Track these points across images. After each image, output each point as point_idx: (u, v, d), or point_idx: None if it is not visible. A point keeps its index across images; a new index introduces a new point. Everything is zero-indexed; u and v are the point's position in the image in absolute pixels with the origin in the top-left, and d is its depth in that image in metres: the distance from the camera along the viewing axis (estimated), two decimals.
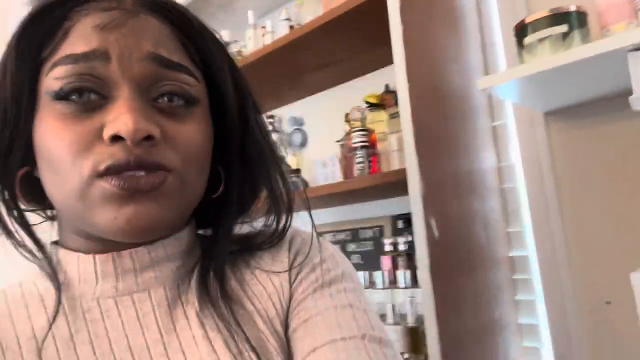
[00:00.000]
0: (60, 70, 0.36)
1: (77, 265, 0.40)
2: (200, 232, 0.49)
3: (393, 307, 1.05)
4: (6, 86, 0.38)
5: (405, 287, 1.10)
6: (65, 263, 0.41)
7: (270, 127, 1.69)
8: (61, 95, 0.36)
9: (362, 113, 1.26)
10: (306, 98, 1.66)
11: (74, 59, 0.36)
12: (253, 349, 0.39)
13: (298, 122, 1.65)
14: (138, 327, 0.39)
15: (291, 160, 1.51)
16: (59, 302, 0.39)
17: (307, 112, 1.66)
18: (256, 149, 0.45)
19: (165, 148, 0.37)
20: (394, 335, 1.01)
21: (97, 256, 0.40)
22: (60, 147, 0.35)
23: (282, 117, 1.74)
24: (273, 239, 0.46)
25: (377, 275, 1.15)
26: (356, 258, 1.45)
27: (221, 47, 0.43)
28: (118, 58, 0.36)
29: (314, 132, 1.65)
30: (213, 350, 0.39)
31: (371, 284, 1.18)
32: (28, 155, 0.39)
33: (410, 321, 1.02)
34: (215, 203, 0.45)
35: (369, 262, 1.40)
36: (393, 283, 1.14)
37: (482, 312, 0.99)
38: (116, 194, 0.35)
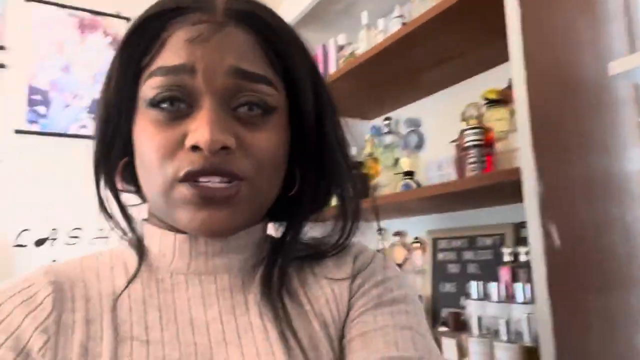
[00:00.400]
0: (154, 81, 0.40)
1: (159, 240, 0.45)
2: (272, 225, 0.52)
3: (508, 323, 0.95)
4: (111, 90, 0.43)
5: (524, 303, 0.98)
6: (150, 237, 0.46)
7: (386, 130, 1.66)
8: (154, 103, 0.40)
9: (478, 110, 1.16)
10: (423, 99, 1.60)
11: (165, 71, 0.40)
12: (304, 347, 0.41)
13: (415, 124, 1.59)
14: (201, 304, 0.43)
15: (405, 163, 1.46)
16: (139, 267, 0.44)
17: (424, 113, 1.60)
18: (330, 154, 0.47)
19: (240, 156, 0.40)
20: (507, 353, 0.91)
21: (177, 235, 0.44)
22: (151, 149, 0.40)
23: (399, 118, 1.70)
24: (338, 246, 0.48)
25: (492, 286, 1.05)
26: (473, 267, 1.34)
27: (304, 53, 0.46)
28: (203, 71, 0.39)
29: (431, 134, 1.58)
30: (267, 339, 0.41)
31: (485, 296, 1.08)
32: (128, 148, 0.44)
33: (527, 340, 0.91)
34: (290, 199, 0.47)
35: (487, 273, 1.29)
36: (510, 297, 1.03)
37: (616, 338, 0.83)
38: (193, 201, 0.39)
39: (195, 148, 0.39)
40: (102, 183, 0.46)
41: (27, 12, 1.87)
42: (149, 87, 0.40)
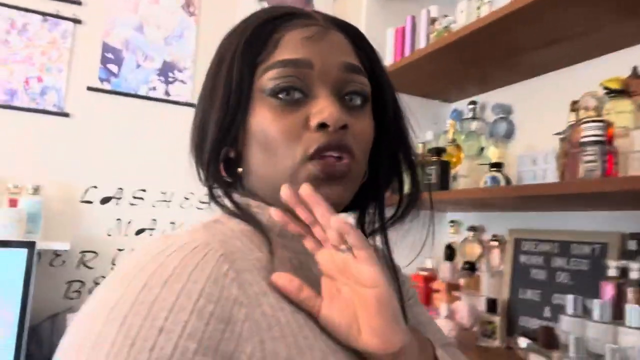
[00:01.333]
0: (273, 72, 0.46)
1: (267, 214, 0.48)
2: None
3: (615, 349, 0.82)
4: (232, 84, 0.47)
5: (637, 328, 0.85)
6: (257, 212, 0.49)
7: (470, 115, 1.52)
8: (274, 93, 0.46)
9: (599, 100, 1.01)
10: (518, 83, 1.44)
11: (284, 63, 0.46)
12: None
13: (505, 110, 1.44)
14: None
15: (493, 153, 1.32)
16: (269, 242, 0.45)
17: (516, 99, 1.44)
18: (399, 143, 0.54)
19: (350, 136, 0.46)
20: None
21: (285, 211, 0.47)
22: (277, 133, 0.45)
23: (485, 103, 1.55)
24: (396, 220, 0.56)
25: (595, 304, 0.92)
26: (564, 277, 1.21)
27: (379, 57, 0.54)
28: (319, 66, 0.46)
29: (523, 122, 1.42)
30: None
31: (586, 313, 0.95)
32: (235, 138, 0.48)
33: None
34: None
35: (582, 285, 1.15)
36: (618, 317, 0.90)
37: None
38: (318, 177, 0.45)
39: (321, 126, 0.45)
40: (205, 169, 0.49)
41: None
42: (267, 79, 0.46)
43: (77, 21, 1.78)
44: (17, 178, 1.61)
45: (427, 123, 1.63)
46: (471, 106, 1.52)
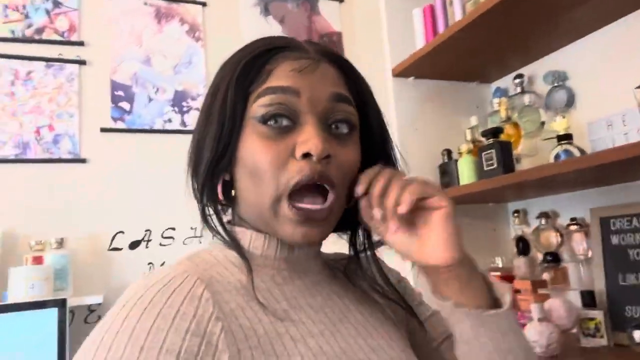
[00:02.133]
0: (263, 99, 0.48)
1: (259, 243, 0.52)
2: None
3: None
4: (226, 110, 0.49)
5: None
6: (241, 238, 0.53)
7: (517, 90, 1.36)
8: (264, 119, 0.48)
9: None
10: (567, 46, 1.29)
11: (273, 90, 0.48)
12: (394, 321, 0.57)
13: (560, 77, 1.28)
14: (309, 294, 0.51)
15: (559, 124, 1.16)
16: (249, 268, 0.49)
17: (569, 63, 1.29)
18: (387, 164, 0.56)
19: (333, 165, 0.49)
20: None
21: (278, 240, 0.51)
22: (264, 160, 0.47)
23: (533, 75, 1.39)
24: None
25: None
26: None
27: (368, 87, 0.56)
28: (308, 96, 0.49)
29: (583, 87, 1.26)
30: (366, 320, 0.53)
31: None
32: (229, 162, 0.51)
33: None
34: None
35: None
36: None
37: None
38: (294, 219, 0.48)
39: (305, 156, 0.47)
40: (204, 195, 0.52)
41: (103, 5, 1.77)
42: (258, 106, 0.48)
43: (81, 62, 1.70)
44: (39, 233, 1.49)
45: (468, 108, 1.48)
46: (518, 80, 1.37)
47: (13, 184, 1.54)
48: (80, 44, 1.71)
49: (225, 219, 0.54)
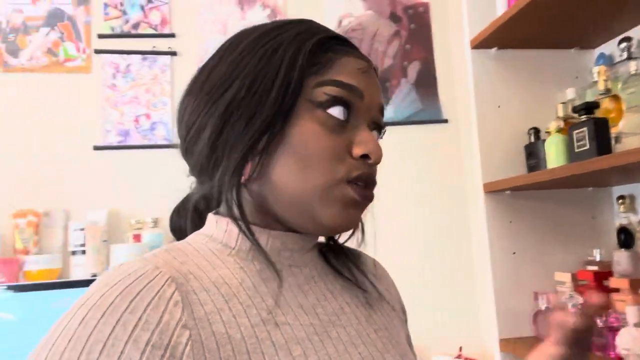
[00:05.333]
0: (329, 89, 0.47)
1: (238, 231, 0.48)
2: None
3: None
4: (283, 86, 0.46)
5: None
6: (230, 230, 0.49)
7: (624, 56, 1.16)
8: (325, 106, 0.47)
9: None
10: None
11: (341, 85, 0.47)
12: (387, 327, 0.54)
13: None
14: (300, 291, 0.49)
15: None
16: (271, 262, 0.47)
17: None
18: None
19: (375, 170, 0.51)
20: None
21: (272, 232, 0.49)
22: (323, 149, 0.46)
23: None
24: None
25: None
26: None
27: None
28: (368, 100, 0.49)
29: None
30: (359, 323, 0.50)
31: None
32: (269, 144, 0.47)
33: None
34: None
35: None
36: None
37: None
38: (351, 200, 0.47)
39: (363, 157, 0.48)
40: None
41: None
42: (322, 92, 0.46)
43: (172, 53, 1.82)
44: (138, 213, 1.66)
45: (565, 79, 1.31)
46: (624, 44, 1.17)
47: (117, 168, 1.72)
48: (172, 36, 1.82)
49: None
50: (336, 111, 0.46)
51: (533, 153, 1.26)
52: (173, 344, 0.37)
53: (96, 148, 1.71)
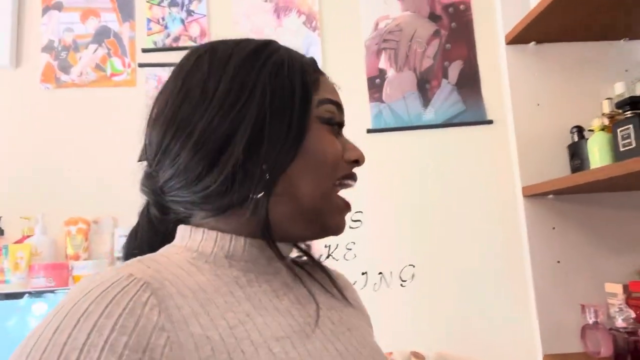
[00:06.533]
0: (329, 107, 0.54)
1: (224, 243, 0.50)
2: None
3: None
4: (302, 104, 0.51)
5: None
6: (208, 239, 0.50)
7: None
8: (329, 122, 0.54)
9: None
10: None
11: (333, 102, 0.54)
12: (360, 330, 0.56)
13: None
14: (275, 296, 0.50)
15: None
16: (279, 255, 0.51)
17: None
18: None
19: None
20: None
21: (249, 239, 0.51)
22: (333, 153, 0.52)
23: None
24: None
25: None
26: None
27: None
28: (343, 114, 0.56)
29: None
30: (333, 324, 0.52)
31: None
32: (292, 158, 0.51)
33: None
34: None
35: None
36: None
37: None
38: (343, 208, 0.54)
39: (354, 162, 0.55)
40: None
41: (227, 9, 1.90)
42: (325, 110, 0.53)
43: None
44: None
45: (612, 72, 1.20)
46: None
47: None
48: None
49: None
50: (336, 125, 0.55)
51: (577, 153, 1.16)
52: (151, 346, 0.37)
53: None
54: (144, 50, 1.86)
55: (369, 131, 1.80)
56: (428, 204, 1.74)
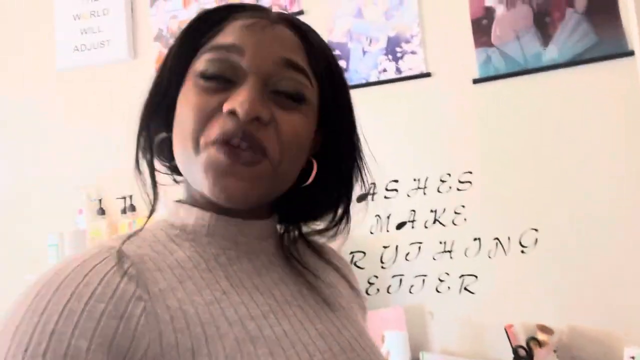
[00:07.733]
0: (207, 55, 0.47)
1: (195, 217, 0.50)
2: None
3: None
4: (168, 64, 0.50)
5: None
6: (188, 216, 0.50)
7: None
8: (204, 74, 0.46)
9: None
10: None
11: (217, 47, 0.47)
12: (344, 307, 0.54)
13: None
14: (256, 274, 0.49)
15: None
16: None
17: None
18: (350, 158, 0.55)
19: (271, 134, 0.46)
20: None
21: (210, 214, 0.49)
22: (190, 112, 0.46)
23: None
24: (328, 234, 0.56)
25: None
26: None
27: (338, 66, 0.54)
28: (251, 55, 0.46)
29: None
30: (317, 303, 0.51)
31: None
32: (168, 123, 0.50)
33: None
34: (299, 200, 0.55)
35: None
36: None
37: None
38: (217, 163, 0.44)
39: (231, 114, 0.44)
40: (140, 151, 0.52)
41: None
42: (201, 61, 0.47)
43: None
44: None
45: None
46: None
47: None
48: (300, 13, 1.83)
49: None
50: (212, 76, 0.46)
51: None
52: (128, 315, 0.38)
53: None
54: None
55: (475, 81, 1.61)
56: (552, 160, 1.51)
